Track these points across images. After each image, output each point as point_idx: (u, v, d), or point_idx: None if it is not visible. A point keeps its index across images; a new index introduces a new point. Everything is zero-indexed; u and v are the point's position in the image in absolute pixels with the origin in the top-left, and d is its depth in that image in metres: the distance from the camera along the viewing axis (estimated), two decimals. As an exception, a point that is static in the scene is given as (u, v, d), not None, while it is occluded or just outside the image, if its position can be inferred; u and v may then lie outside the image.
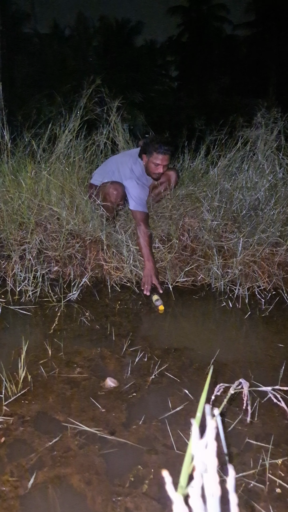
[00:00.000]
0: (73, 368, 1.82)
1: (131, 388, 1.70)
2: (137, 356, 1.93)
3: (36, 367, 1.79)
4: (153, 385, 1.73)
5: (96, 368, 1.83)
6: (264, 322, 2.46)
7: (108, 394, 1.65)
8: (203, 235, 3.04)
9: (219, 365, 1.92)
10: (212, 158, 3.82)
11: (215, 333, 2.36)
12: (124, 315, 2.44)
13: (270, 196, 3.29)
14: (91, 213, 3.11)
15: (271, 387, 0.91)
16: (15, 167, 3.55)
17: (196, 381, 1.79)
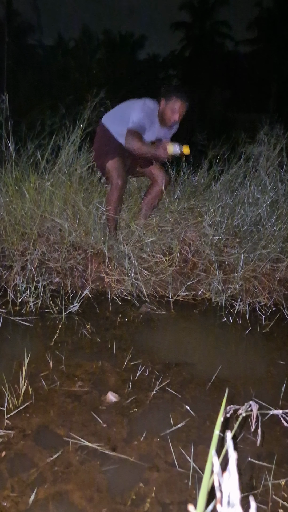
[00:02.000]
0: (74, 381, 1.81)
1: (132, 403, 1.69)
2: (138, 370, 1.92)
3: (37, 380, 1.78)
4: (154, 400, 1.73)
5: (97, 381, 1.82)
6: (264, 339, 2.45)
7: (109, 408, 1.64)
8: (204, 249, 3.05)
9: (220, 381, 1.92)
10: (214, 173, 3.85)
11: (215, 348, 2.36)
12: (125, 328, 2.44)
13: (271, 212, 3.31)
14: (93, 225, 3.12)
15: (282, 411, 0.91)
16: (19, 177, 3.57)
17: (197, 397, 1.78)
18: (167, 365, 2.03)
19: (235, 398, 1.79)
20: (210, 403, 1.75)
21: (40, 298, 2.66)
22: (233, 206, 3.38)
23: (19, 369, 1.79)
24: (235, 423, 1.55)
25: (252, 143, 3.73)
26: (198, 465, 1.35)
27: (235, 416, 1.57)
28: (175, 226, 3.16)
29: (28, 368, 1.81)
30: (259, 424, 1.13)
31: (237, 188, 3.57)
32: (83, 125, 3.81)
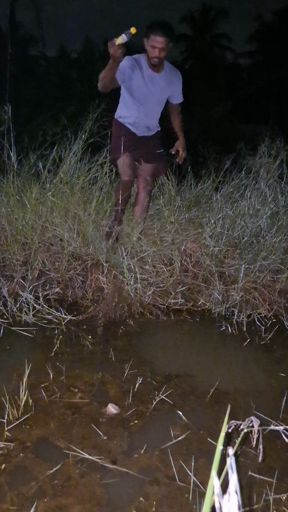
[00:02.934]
0: (74, 392, 1.80)
1: (133, 415, 1.68)
2: (138, 381, 1.92)
3: (38, 391, 1.78)
4: (154, 412, 1.72)
5: (97, 393, 1.82)
6: (264, 350, 2.45)
7: (109, 420, 1.64)
8: (204, 260, 3.06)
9: (220, 393, 1.91)
10: (214, 184, 3.87)
11: (215, 360, 2.35)
12: (125, 338, 2.43)
13: (272, 224, 3.32)
14: (93, 235, 3.13)
15: (282, 427, 0.90)
16: (20, 187, 3.59)
17: (197, 410, 1.78)
18: (167, 376, 2.03)
19: (235, 410, 1.78)
20: (210, 415, 1.74)
21: (40, 308, 2.66)
22: (234, 217, 3.39)
23: (19, 380, 1.78)
24: (236, 438, 1.54)
25: (253, 155, 3.76)
26: (198, 479, 1.35)
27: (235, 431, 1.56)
28: (176, 237, 3.17)
29: (28, 379, 1.81)
30: (260, 439, 1.12)
31: (238, 199, 3.59)
32: (85, 136, 3.84)
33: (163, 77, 3.13)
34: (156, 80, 3.10)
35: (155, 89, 3.12)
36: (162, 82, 3.12)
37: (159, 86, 3.12)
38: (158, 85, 3.11)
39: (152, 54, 2.97)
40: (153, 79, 3.09)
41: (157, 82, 3.10)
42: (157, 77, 3.10)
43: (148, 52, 2.99)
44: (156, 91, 3.14)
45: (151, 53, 2.97)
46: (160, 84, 3.11)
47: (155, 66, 3.03)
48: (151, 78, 3.08)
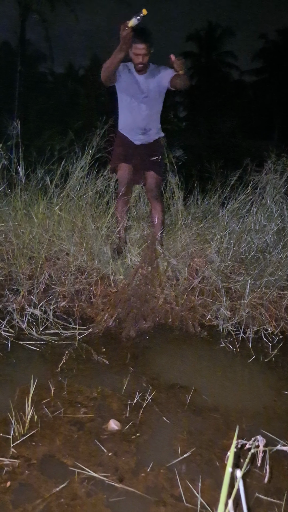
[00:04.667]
0: (79, 408, 1.79)
1: (136, 430, 1.67)
2: (143, 396, 1.90)
3: (43, 407, 1.77)
4: (158, 427, 1.70)
5: (102, 408, 1.80)
6: (270, 367, 2.42)
7: (112, 436, 1.62)
8: (211, 275, 3.06)
9: (224, 410, 1.89)
10: (221, 199, 3.89)
11: (219, 376, 2.33)
12: (130, 352, 2.42)
13: (278, 240, 3.32)
14: (99, 249, 3.14)
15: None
16: (28, 201, 3.63)
17: (201, 425, 1.76)
18: (169, 391, 2.01)
19: (240, 427, 1.76)
20: (214, 431, 1.72)
21: (47, 322, 2.66)
22: (240, 233, 3.40)
23: (25, 395, 1.77)
24: (242, 458, 1.52)
25: (259, 171, 3.78)
26: (205, 500, 1.33)
27: (241, 449, 1.55)
28: (182, 254, 3.17)
29: (34, 395, 1.80)
30: (267, 459, 1.11)
31: (244, 215, 3.60)
32: (92, 152, 3.89)
33: (149, 75, 3.30)
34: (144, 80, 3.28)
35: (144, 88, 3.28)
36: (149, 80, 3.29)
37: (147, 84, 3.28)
38: (147, 83, 3.28)
39: (136, 61, 3.17)
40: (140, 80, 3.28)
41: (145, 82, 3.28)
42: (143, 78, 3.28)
43: (133, 59, 3.19)
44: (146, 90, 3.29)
45: (135, 60, 3.17)
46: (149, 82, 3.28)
47: (141, 71, 3.23)
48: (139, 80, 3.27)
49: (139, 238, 3.52)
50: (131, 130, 3.39)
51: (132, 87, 3.26)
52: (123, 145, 3.39)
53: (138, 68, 3.19)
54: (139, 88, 3.27)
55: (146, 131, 3.38)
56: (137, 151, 3.39)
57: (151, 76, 3.28)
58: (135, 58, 3.15)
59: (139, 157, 3.38)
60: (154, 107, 3.37)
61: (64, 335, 2.55)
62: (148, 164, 3.38)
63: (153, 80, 3.29)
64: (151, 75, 3.28)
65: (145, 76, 3.27)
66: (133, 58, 3.17)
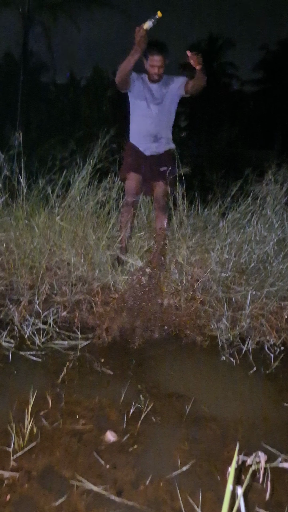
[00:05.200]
0: (78, 419, 1.79)
1: (134, 441, 1.66)
2: (144, 409, 1.90)
3: (43, 418, 1.77)
4: (157, 439, 1.70)
5: (100, 418, 1.80)
6: (270, 379, 2.41)
7: (110, 448, 1.62)
8: (211, 286, 3.06)
9: (223, 422, 1.89)
10: (221, 210, 3.90)
11: (220, 387, 2.32)
12: (131, 362, 2.41)
13: (279, 250, 3.33)
14: (100, 259, 3.15)
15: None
16: (29, 211, 3.64)
17: (199, 436, 1.75)
18: (168, 402, 2.01)
19: (240, 440, 1.75)
20: (214, 442, 1.72)
21: (47, 332, 2.66)
22: (240, 243, 3.40)
23: (25, 406, 1.77)
24: (243, 473, 1.51)
25: (260, 181, 3.80)
26: (206, 514, 1.32)
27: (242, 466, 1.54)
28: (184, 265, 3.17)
29: (34, 406, 1.79)
30: (268, 474, 1.10)
31: (245, 225, 3.61)
32: (93, 162, 3.92)
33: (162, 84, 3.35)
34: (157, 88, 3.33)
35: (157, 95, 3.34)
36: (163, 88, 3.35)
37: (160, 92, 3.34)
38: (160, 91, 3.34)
39: (152, 72, 3.22)
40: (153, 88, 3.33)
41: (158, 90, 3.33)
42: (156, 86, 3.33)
43: (148, 71, 3.24)
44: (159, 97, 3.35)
45: (151, 71, 3.22)
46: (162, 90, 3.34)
47: (155, 80, 3.28)
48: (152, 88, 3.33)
49: (140, 247, 3.53)
50: (143, 138, 3.41)
51: (145, 94, 3.32)
52: (133, 156, 3.42)
53: (153, 78, 3.25)
54: (152, 95, 3.33)
55: (157, 139, 3.40)
56: (147, 162, 3.41)
57: (164, 84, 3.34)
58: (151, 69, 3.22)
59: (149, 168, 3.40)
60: (166, 115, 3.42)
61: (65, 345, 2.55)
62: (157, 174, 3.40)
63: (166, 88, 3.35)
64: (164, 84, 3.34)
65: (158, 85, 3.33)
66: (149, 69, 3.23)
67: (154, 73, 3.21)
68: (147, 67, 3.24)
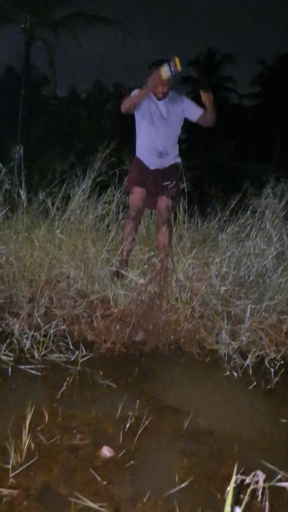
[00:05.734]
0: (74, 434, 1.78)
1: (131, 457, 1.65)
2: (142, 424, 1.88)
3: (40, 433, 1.75)
4: (154, 454, 1.69)
5: (96, 433, 1.79)
6: (270, 394, 2.40)
7: (106, 463, 1.61)
8: (210, 299, 3.06)
9: (222, 437, 1.87)
10: (220, 223, 3.92)
11: (219, 402, 2.32)
12: (130, 376, 2.40)
13: (278, 264, 3.34)
14: (100, 272, 3.16)
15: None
16: (29, 224, 3.66)
17: (197, 452, 1.74)
18: (166, 417, 2.00)
19: (239, 456, 1.74)
20: (213, 459, 1.70)
21: (46, 346, 2.65)
22: (240, 256, 3.42)
23: (23, 422, 1.76)
24: (242, 492, 1.50)
25: (258, 195, 3.82)
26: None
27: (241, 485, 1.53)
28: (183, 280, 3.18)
29: (32, 421, 1.78)
30: (266, 493, 1.09)
31: (243, 239, 3.62)
32: (93, 175, 3.95)
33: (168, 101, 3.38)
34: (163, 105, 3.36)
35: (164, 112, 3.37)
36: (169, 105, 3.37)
37: (167, 109, 3.37)
38: (166, 108, 3.36)
39: (156, 90, 3.25)
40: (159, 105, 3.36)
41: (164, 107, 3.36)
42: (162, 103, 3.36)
43: (153, 87, 3.25)
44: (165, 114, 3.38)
45: (155, 87, 3.24)
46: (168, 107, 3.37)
47: (161, 98, 3.32)
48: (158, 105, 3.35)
49: (139, 261, 3.54)
50: (148, 153, 3.44)
51: (151, 111, 3.36)
52: (138, 170, 3.44)
53: (158, 96, 3.29)
54: (158, 112, 3.36)
55: (162, 154, 3.43)
56: (152, 176, 3.43)
57: (171, 101, 3.38)
58: (155, 86, 3.25)
59: (153, 181, 3.42)
60: (172, 131, 3.45)
61: (64, 359, 2.54)
62: (161, 188, 3.41)
63: (173, 105, 3.38)
64: (171, 101, 3.38)
65: (164, 101, 3.37)
66: (154, 86, 3.25)
67: (159, 91, 3.25)
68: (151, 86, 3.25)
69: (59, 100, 22.84)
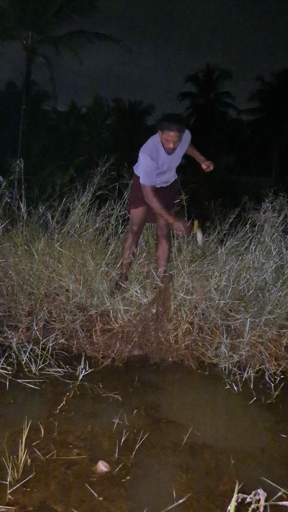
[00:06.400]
0: (71, 449, 1.76)
1: (127, 472, 1.63)
2: (138, 439, 1.86)
3: (37, 449, 1.73)
4: (151, 469, 1.67)
5: (92, 448, 1.77)
6: (269, 409, 2.38)
7: (102, 479, 1.58)
8: (210, 313, 3.05)
9: (221, 453, 1.85)
10: (219, 236, 3.93)
11: (218, 416, 2.29)
12: (130, 389, 2.38)
13: (277, 278, 3.33)
14: (99, 285, 3.15)
15: None
16: (29, 237, 3.66)
17: (195, 466, 1.72)
18: (167, 431, 1.98)
19: (238, 473, 1.72)
20: (211, 474, 1.68)
21: (44, 359, 2.63)
22: (239, 270, 3.41)
23: (19, 437, 1.74)
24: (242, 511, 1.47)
25: (257, 209, 3.84)
26: None
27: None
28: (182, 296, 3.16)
29: (29, 436, 1.76)
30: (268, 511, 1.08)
31: (243, 252, 3.63)
32: (93, 189, 3.97)
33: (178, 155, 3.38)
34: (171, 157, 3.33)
35: (171, 160, 3.37)
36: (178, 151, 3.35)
37: (175, 155, 3.36)
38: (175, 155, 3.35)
39: (167, 146, 3.21)
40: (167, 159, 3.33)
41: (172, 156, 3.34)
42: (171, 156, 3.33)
43: (163, 143, 3.22)
44: (172, 161, 3.39)
45: (166, 145, 3.21)
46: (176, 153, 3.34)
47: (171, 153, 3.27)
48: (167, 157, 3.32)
49: (139, 273, 3.53)
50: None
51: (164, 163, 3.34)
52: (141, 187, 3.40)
53: (167, 151, 3.26)
54: (166, 163, 3.36)
55: (167, 183, 3.50)
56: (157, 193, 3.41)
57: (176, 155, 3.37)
58: (166, 143, 3.21)
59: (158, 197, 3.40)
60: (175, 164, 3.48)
61: (63, 373, 2.52)
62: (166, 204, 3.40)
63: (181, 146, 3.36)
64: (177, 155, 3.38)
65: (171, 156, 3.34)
66: (164, 143, 3.22)
67: (169, 147, 3.21)
68: (162, 139, 3.23)
69: (59, 114, 23.09)
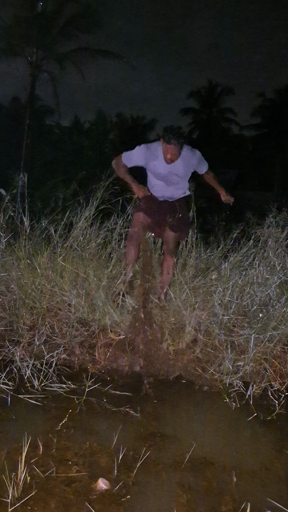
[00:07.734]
0: (71, 467, 1.72)
1: (127, 490, 1.60)
2: (138, 457, 1.82)
3: (36, 466, 1.70)
4: (152, 487, 1.64)
5: (92, 465, 1.73)
6: (273, 426, 2.34)
7: (102, 497, 1.55)
8: (213, 329, 3.02)
9: (222, 471, 1.82)
10: (223, 252, 3.92)
11: (221, 434, 2.25)
12: (131, 406, 2.34)
13: (281, 293, 3.31)
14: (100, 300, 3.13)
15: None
16: (32, 251, 3.65)
17: (195, 485, 1.68)
18: (168, 449, 1.94)
19: (239, 491, 1.68)
20: (214, 494, 1.64)
21: (46, 374, 2.60)
22: (242, 285, 3.39)
23: (19, 455, 1.71)
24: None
25: (261, 224, 3.83)
26: None
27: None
28: (185, 307, 3.15)
29: (28, 453, 1.73)
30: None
31: (246, 268, 3.61)
32: (96, 203, 3.97)
33: (179, 162, 3.29)
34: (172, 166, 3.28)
35: (172, 170, 3.30)
36: (179, 166, 3.30)
37: (175, 169, 3.30)
38: (175, 168, 3.30)
39: (165, 156, 3.20)
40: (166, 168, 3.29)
41: (173, 167, 3.29)
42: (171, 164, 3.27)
43: (163, 153, 3.21)
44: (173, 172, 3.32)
45: (165, 155, 3.20)
46: (177, 167, 3.30)
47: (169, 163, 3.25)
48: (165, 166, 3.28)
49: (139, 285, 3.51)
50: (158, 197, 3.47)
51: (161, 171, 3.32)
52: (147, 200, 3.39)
53: (166, 161, 3.23)
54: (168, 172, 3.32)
55: (172, 198, 3.47)
56: (160, 206, 3.42)
57: (181, 160, 3.29)
58: (165, 154, 3.20)
59: (162, 211, 3.39)
60: (182, 181, 3.43)
61: (65, 388, 2.49)
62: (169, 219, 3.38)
63: (183, 162, 3.30)
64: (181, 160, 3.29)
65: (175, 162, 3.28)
66: (164, 153, 3.20)
67: (168, 158, 3.19)
68: (162, 146, 3.20)
69: (62, 129, 23.34)
